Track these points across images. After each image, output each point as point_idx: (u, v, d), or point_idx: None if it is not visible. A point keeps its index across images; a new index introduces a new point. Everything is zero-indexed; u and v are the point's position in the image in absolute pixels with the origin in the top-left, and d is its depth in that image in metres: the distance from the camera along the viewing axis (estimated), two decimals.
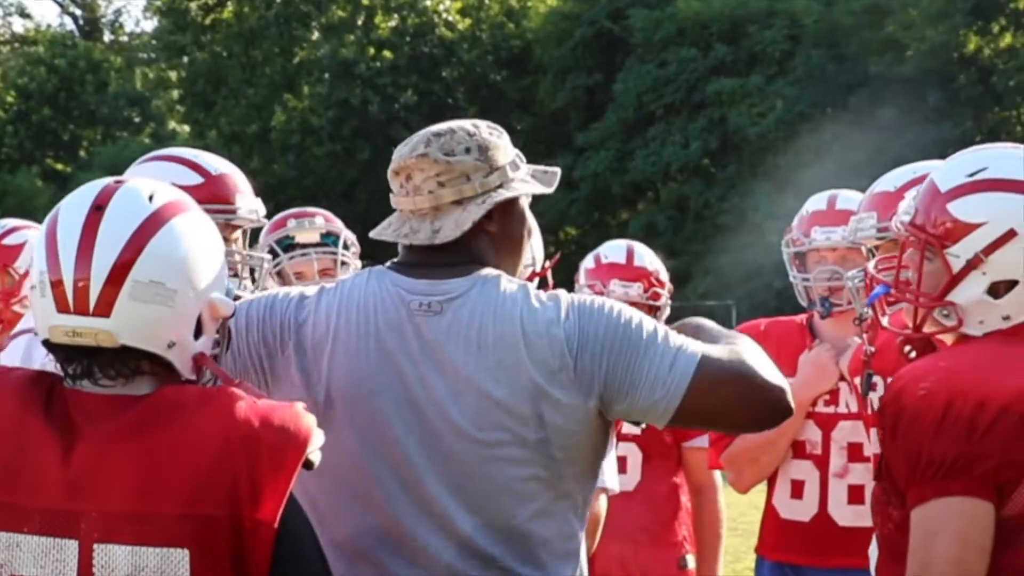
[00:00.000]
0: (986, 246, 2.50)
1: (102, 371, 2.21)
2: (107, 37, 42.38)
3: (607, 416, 2.73)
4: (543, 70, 30.59)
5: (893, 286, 2.67)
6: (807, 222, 4.09)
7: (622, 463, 4.59)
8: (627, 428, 4.57)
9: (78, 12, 42.61)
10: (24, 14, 44.13)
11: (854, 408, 3.93)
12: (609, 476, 3.66)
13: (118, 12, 45.55)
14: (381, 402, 2.63)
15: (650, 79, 27.83)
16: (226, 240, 3.31)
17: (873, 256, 3.55)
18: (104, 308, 2.17)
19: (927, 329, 2.59)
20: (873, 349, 3.60)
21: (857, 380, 3.66)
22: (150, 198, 2.24)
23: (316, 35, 31.45)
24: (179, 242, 2.24)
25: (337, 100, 29.44)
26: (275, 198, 30.66)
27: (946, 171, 2.61)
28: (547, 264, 3.38)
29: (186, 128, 34.70)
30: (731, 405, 2.71)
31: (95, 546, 2.12)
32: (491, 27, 31.71)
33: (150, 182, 2.30)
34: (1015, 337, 2.47)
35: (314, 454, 2.22)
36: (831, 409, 3.96)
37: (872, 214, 3.54)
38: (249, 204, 3.39)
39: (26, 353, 3.25)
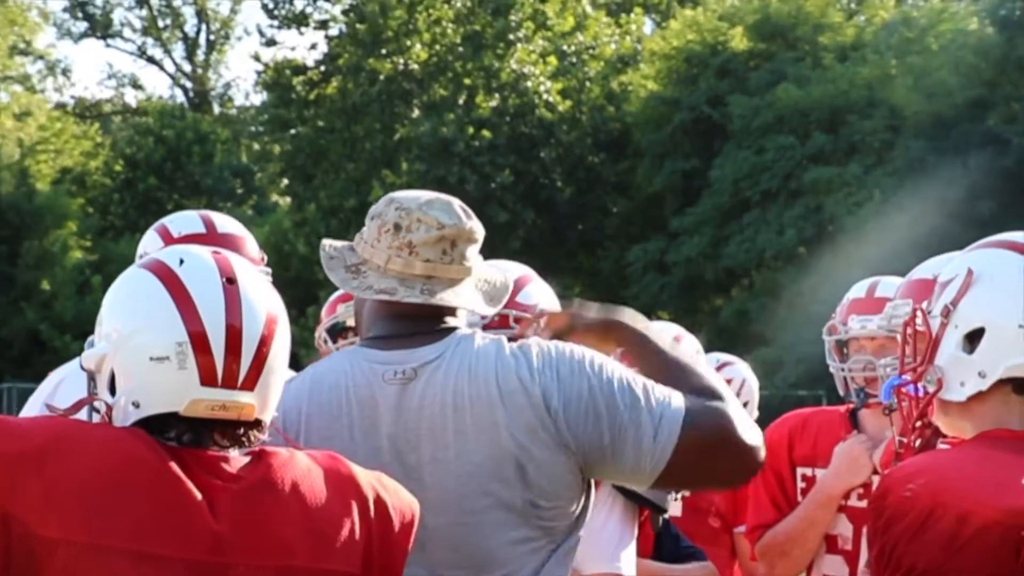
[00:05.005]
0: (954, 296, 2.46)
1: (219, 440, 2.19)
2: (216, 110, 43.17)
3: (587, 475, 2.66)
4: (641, 154, 30.62)
5: (900, 371, 2.61)
6: (846, 310, 4.03)
7: None
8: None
9: (188, 84, 43.49)
10: (136, 85, 45.16)
11: None
12: (626, 563, 3.52)
13: (227, 85, 46.47)
14: None
15: (747, 166, 27.72)
16: None
17: None
18: (251, 382, 2.16)
19: (934, 416, 2.52)
20: (905, 440, 3.51)
21: None
22: (254, 269, 2.25)
23: (417, 113, 31.76)
24: (284, 312, 2.26)
25: (434, 177, 29.55)
26: None
27: None
28: None
29: (287, 200, 35.19)
30: (710, 468, 2.67)
31: None
32: (591, 109, 31.82)
33: (230, 252, 2.30)
34: (1006, 442, 2.37)
35: None
36: (864, 503, 3.82)
37: (907, 301, 3.43)
38: None
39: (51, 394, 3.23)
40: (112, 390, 2.19)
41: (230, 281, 2.17)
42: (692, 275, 28.31)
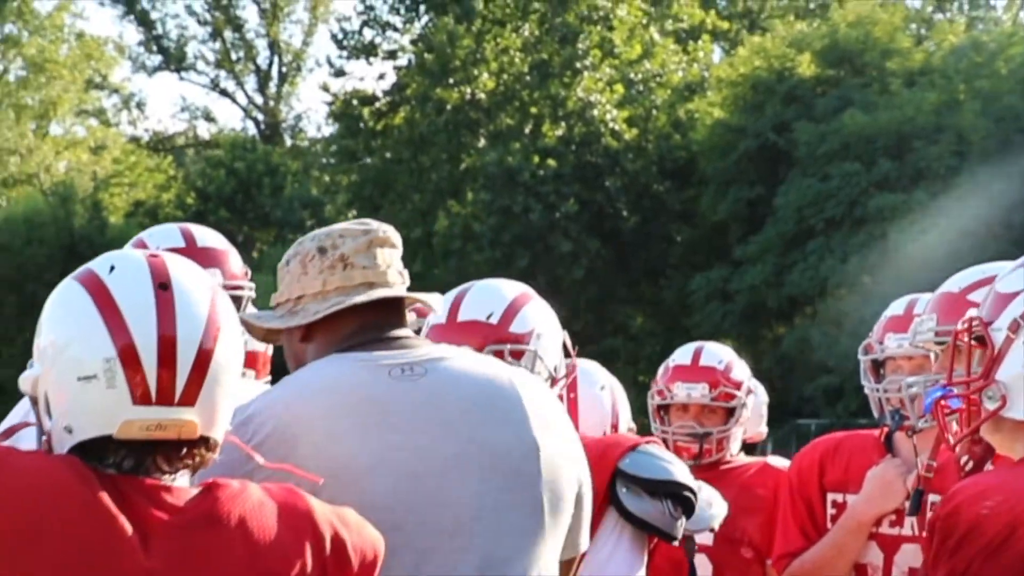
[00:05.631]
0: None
1: (162, 465, 2.00)
2: (288, 142, 43.33)
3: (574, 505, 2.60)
4: (706, 182, 30.44)
5: (946, 383, 2.50)
6: (883, 328, 3.86)
7: None
8: (697, 539, 4.39)
9: (260, 116, 43.70)
10: (209, 118, 45.47)
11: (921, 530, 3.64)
12: None
13: (298, 117, 46.69)
14: (372, 482, 2.36)
15: (812, 193, 27.48)
16: None
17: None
18: (190, 397, 1.96)
19: (983, 432, 2.43)
20: (935, 463, 3.41)
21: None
22: (198, 273, 2.06)
23: (483, 142, 31.74)
24: (235, 319, 2.06)
25: (499, 207, 29.57)
26: None
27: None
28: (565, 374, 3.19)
29: None
30: None
31: None
32: (657, 138, 31.66)
33: (177, 255, 2.11)
34: None
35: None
36: (895, 531, 3.71)
37: (932, 316, 3.28)
38: None
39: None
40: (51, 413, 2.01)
41: (163, 287, 1.97)
42: (755, 303, 28.06)
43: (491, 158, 30.20)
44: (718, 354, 4.58)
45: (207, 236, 3.48)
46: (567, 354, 3.22)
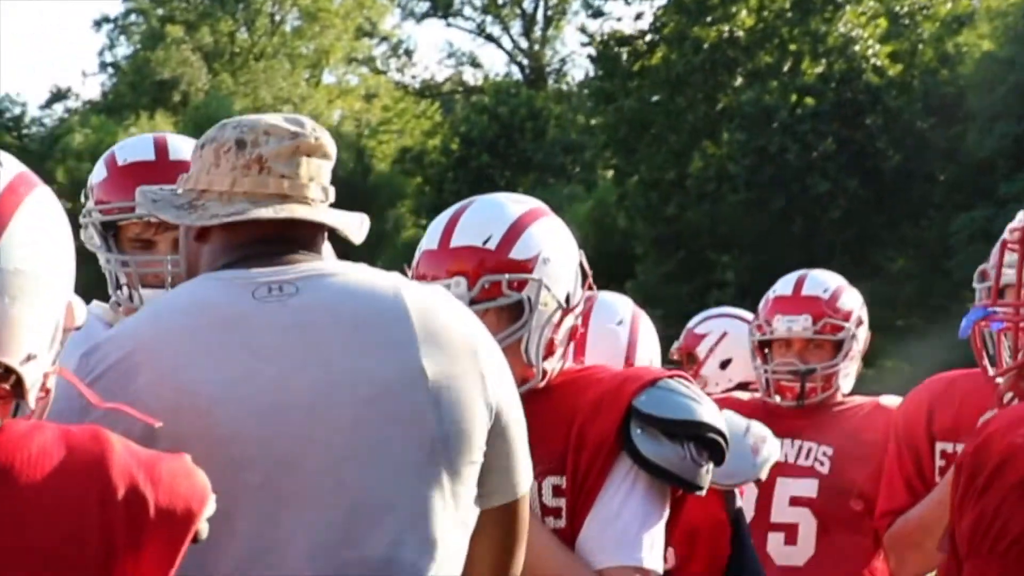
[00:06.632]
0: None
1: None
2: (552, 86, 43.45)
3: (488, 446, 2.23)
4: (972, 117, 29.25)
5: (991, 303, 2.20)
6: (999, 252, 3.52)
7: (791, 532, 3.97)
8: (799, 490, 4.07)
9: (525, 61, 43.93)
10: (475, 64, 45.83)
11: None
12: (650, 553, 2.69)
13: (563, 61, 46.64)
14: (221, 413, 2.07)
15: None
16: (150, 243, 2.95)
17: None
18: None
19: None
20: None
21: None
22: (13, 172, 1.74)
23: (739, 81, 31.21)
24: (45, 221, 1.74)
25: (755, 147, 28.98)
26: (687, 246, 30.65)
27: None
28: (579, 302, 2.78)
29: (609, 174, 35.23)
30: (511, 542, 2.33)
31: None
32: (923, 73, 30.62)
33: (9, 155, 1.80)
34: None
35: (203, 524, 1.76)
36: None
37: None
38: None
39: None
40: None
41: None
42: None
43: (748, 97, 29.79)
44: (824, 282, 4.26)
45: (182, 148, 3.07)
46: (584, 279, 2.81)
